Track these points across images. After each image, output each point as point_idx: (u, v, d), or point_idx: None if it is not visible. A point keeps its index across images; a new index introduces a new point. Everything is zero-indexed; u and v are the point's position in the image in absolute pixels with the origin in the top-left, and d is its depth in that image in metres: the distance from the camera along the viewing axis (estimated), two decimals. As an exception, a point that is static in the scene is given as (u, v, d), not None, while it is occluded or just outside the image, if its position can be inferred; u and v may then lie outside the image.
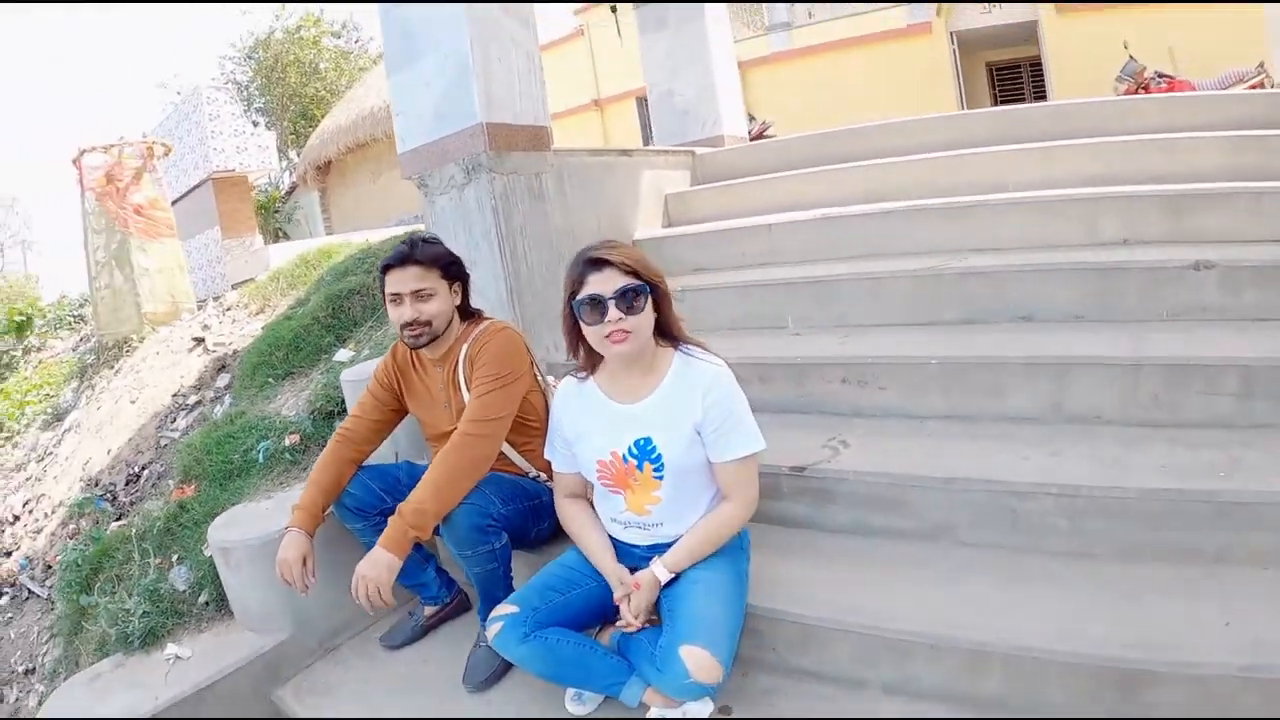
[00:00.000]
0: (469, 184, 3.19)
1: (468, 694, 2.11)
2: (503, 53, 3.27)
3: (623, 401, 1.92)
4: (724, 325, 3.38)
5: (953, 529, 2.11)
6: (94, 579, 3.12)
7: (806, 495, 2.30)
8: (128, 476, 4.59)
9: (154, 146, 8.78)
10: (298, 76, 23.90)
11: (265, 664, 2.43)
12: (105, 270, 8.35)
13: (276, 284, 7.02)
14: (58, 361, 10.24)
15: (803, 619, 1.91)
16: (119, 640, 2.61)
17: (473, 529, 2.06)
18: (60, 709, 2.39)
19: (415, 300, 2.22)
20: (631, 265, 1.80)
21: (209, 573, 2.71)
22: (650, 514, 1.89)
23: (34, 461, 6.83)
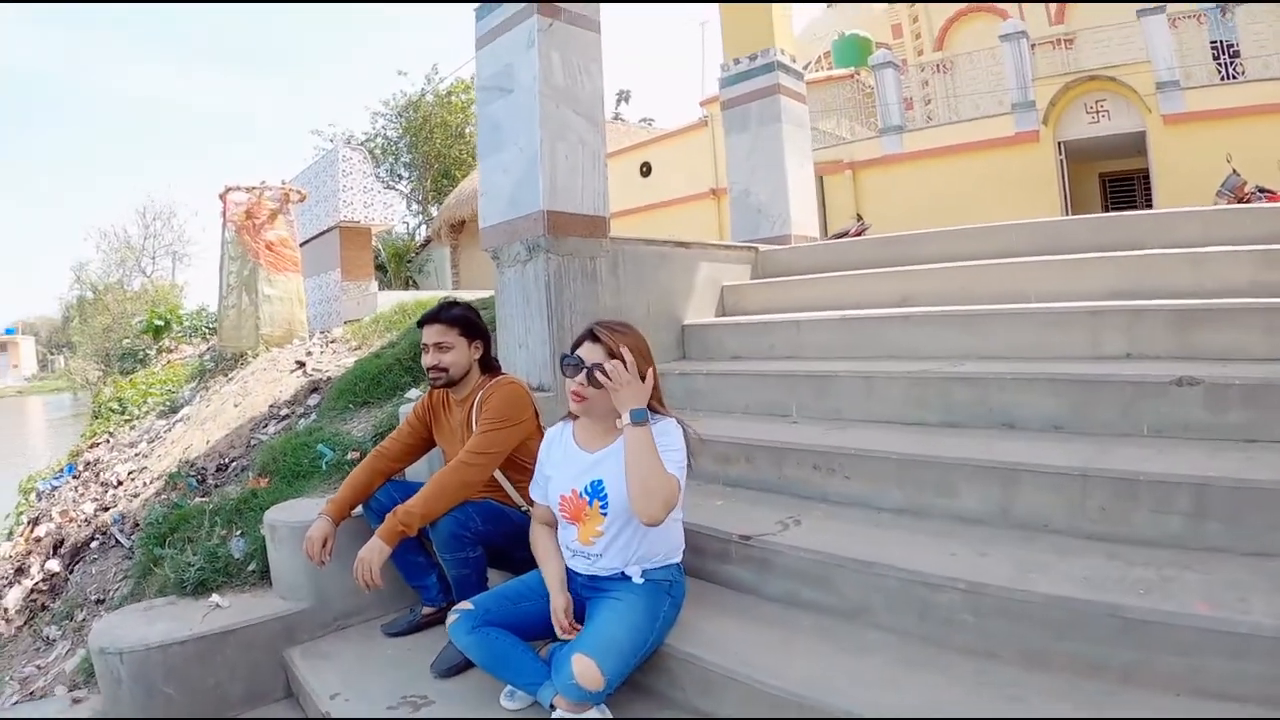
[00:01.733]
0: (530, 261, 3.83)
1: (432, 678, 2.60)
2: (569, 150, 3.90)
3: (587, 449, 2.41)
4: (738, 409, 3.77)
5: (870, 611, 2.27)
6: (169, 537, 3.81)
7: (750, 563, 2.57)
8: (218, 465, 5.37)
9: (290, 192, 10.15)
10: (443, 138, 25.90)
11: (284, 625, 3.05)
12: (234, 293, 9.60)
13: (376, 326, 7.86)
14: (184, 363, 11.56)
15: (706, 665, 2.19)
16: (176, 585, 3.32)
17: (452, 536, 2.66)
18: (109, 626, 3.08)
19: (437, 350, 2.91)
20: (613, 350, 2.28)
21: (260, 548, 3.38)
22: (594, 545, 2.34)
23: (145, 441, 7.96)
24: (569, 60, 3.95)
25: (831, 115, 15.88)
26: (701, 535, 2.69)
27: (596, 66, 4.12)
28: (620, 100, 48.33)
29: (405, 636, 3.00)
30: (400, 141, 27.89)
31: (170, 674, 2.84)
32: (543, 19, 3.84)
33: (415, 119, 27.01)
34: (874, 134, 14.77)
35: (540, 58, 3.81)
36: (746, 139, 6.22)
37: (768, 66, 6.08)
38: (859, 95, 16.03)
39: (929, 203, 12.91)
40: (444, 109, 26.61)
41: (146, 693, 2.82)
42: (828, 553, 2.38)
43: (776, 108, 6.04)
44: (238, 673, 2.95)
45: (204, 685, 2.89)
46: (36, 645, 4.56)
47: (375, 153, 26.69)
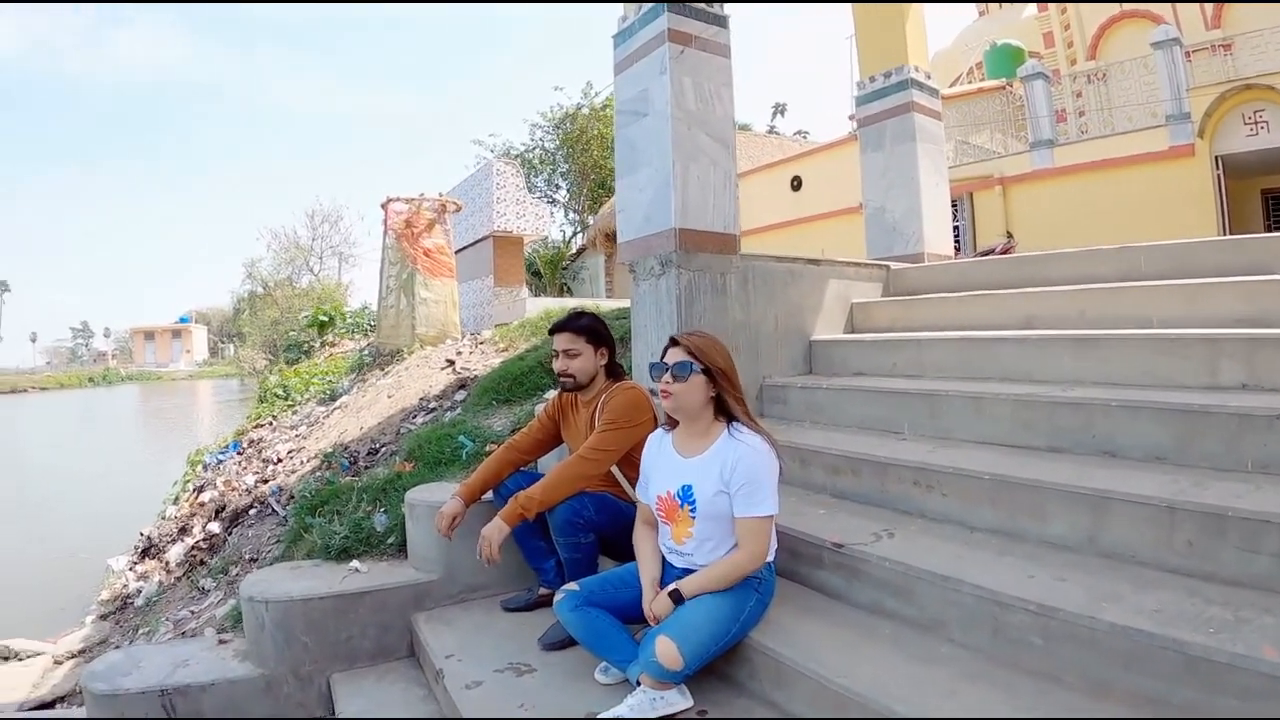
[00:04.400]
0: (663, 275, 4.14)
1: (538, 650, 2.96)
2: (701, 171, 4.21)
3: (682, 454, 2.71)
4: (854, 423, 3.93)
5: (945, 625, 2.37)
6: (320, 508, 4.37)
7: (841, 570, 2.73)
8: (369, 449, 5.98)
9: (447, 203, 11.11)
10: (599, 150, 26.97)
11: (414, 593, 3.52)
12: (393, 294, 10.58)
13: (523, 330, 8.45)
14: (344, 356, 12.64)
15: (783, 660, 2.37)
16: (322, 550, 3.86)
17: (566, 522, 3.04)
18: (259, 579, 3.65)
19: (566, 356, 3.31)
20: (691, 349, 2.62)
21: (400, 523, 3.87)
22: (685, 545, 2.64)
23: (305, 425, 8.84)
24: (700, 85, 4.24)
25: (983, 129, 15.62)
26: (800, 540, 2.91)
27: (727, 90, 4.38)
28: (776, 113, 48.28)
29: (521, 613, 3.38)
30: (557, 153, 29.37)
31: (309, 625, 3.34)
32: (674, 46, 4.14)
33: (571, 131, 28.40)
34: (1025, 148, 14.48)
35: (673, 83, 4.12)
36: (881, 157, 6.36)
37: (901, 84, 6.21)
38: (1010, 107, 15.65)
39: (1081, 220, 12.63)
40: (599, 121, 27.70)
41: (286, 639, 3.32)
42: (912, 565, 2.50)
43: (910, 125, 6.16)
44: (368, 630, 3.43)
45: (337, 638, 3.38)
46: (192, 594, 5.25)
47: (533, 163, 27.95)
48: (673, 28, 4.16)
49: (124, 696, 3.24)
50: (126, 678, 3.32)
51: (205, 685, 3.30)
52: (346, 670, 3.40)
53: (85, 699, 3.42)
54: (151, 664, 3.45)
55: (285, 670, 3.35)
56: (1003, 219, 14.06)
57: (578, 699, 2.60)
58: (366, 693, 3.22)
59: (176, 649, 3.72)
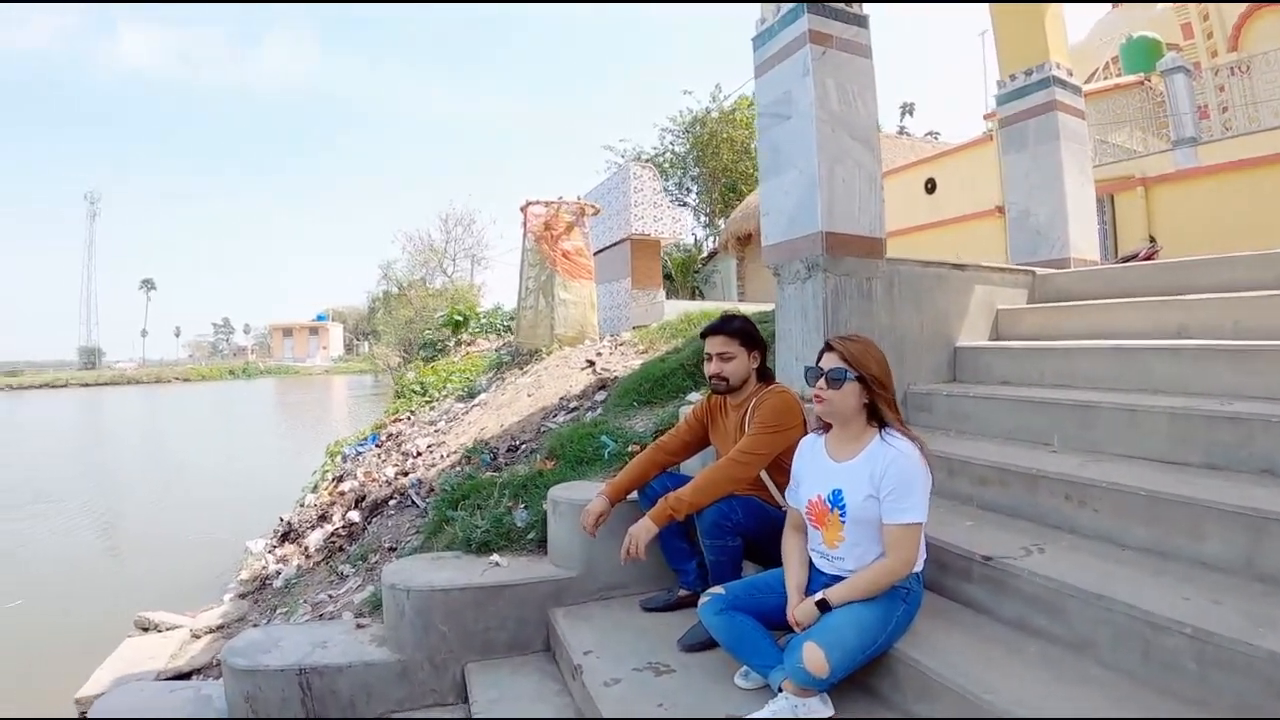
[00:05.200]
0: (809, 279, 4.16)
1: (677, 651, 3.02)
2: (847, 174, 4.23)
3: (834, 459, 2.74)
4: (1000, 433, 3.88)
5: (1094, 645, 2.34)
6: (460, 502, 4.58)
7: (988, 583, 2.72)
8: (509, 446, 6.17)
9: (585, 207, 11.45)
10: (730, 153, 27.27)
11: (553, 588, 3.62)
12: (532, 295, 10.93)
13: (662, 332, 8.63)
14: (480, 355, 13.09)
15: (928, 672, 2.38)
16: (462, 543, 4.03)
17: (714, 525, 3.09)
18: (400, 568, 3.84)
19: (719, 360, 3.37)
20: (847, 355, 2.65)
21: (541, 519, 4.00)
22: (836, 549, 2.66)
23: (444, 420, 9.19)
24: (843, 86, 4.25)
25: (1122, 126, 14.84)
26: (947, 552, 2.89)
27: (870, 91, 4.39)
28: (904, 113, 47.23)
29: (659, 613, 3.44)
30: (687, 156, 29.62)
31: (448, 614, 3.49)
32: (816, 48, 4.16)
33: (701, 134, 28.67)
34: (1167, 146, 13.68)
35: (815, 85, 4.15)
36: (1024, 158, 6.28)
37: (1043, 82, 6.12)
38: (1150, 103, 14.77)
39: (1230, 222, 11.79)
40: (729, 125, 27.99)
41: (424, 627, 3.47)
42: (1062, 581, 2.47)
43: (1054, 125, 6.06)
44: (506, 623, 3.56)
45: (475, 628, 3.52)
46: (330, 579, 5.53)
47: (664, 167, 28.23)
48: (813, 29, 4.19)
49: (262, 673, 3.43)
50: (266, 655, 3.53)
51: (342, 667, 3.46)
52: (481, 660, 3.52)
53: (224, 672, 3.64)
54: (290, 643, 3.65)
55: (421, 657, 3.50)
56: (1145, 222, 13.33)
57: (717, 702, 2.65)
58: (501, 684, 3.33)
59: (315, 630, 3.92)
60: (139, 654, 5.82)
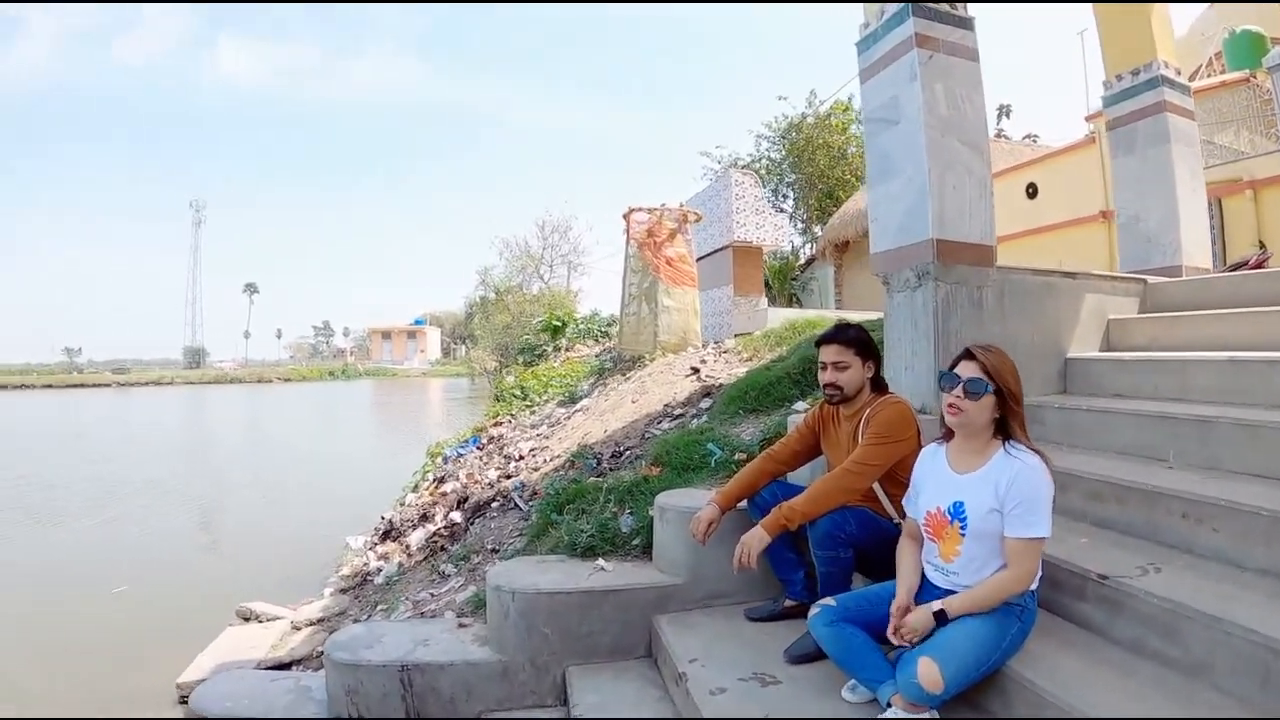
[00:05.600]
0: (919, 288, 4.12)
1: (782, 662, 3.03)
2: (957, 180, 4.18)
3: (955, 470, 2.72)
4: (1114, 448, 3.81)
5: (1211, 670, 2.29)
6: (565, 506, 4.66)
7: (1104, 603, 2.67)
8: (613, 452, 6.25)
9: (688, 214, 11.53)
10: (826, 159, 27.15)
11: (658, 595, 3.67)
12: (635, 302, 11.06)
13: (766, 340, 8.62)
14: (581, 361, 13.28)
15: (1041, 693, 2.34)
16: (567, 547, 4.10)
17: (827, 535, 3.09)
18: (505, 570, 3.93)
19: (834, 369, 3.36)
20: (987, 366, 2.61)
21: (647, 525, 4.06)
22: (952, 562, 2.65)
23: (545, 425, 9.37)
24: (951, 90, 4.22)
25: (1228, 126, 14.12)
26: (1061, 569, 2.84)
27: (979, 95, 4.34)
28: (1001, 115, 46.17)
29: (764, 623, 3.47)
30: (783, 163, 29.52)
31: (552, 617, 3.56)
32: (923, 51, 4.14)
33: (797, 141, 28.54)
34: (1276, 147, 13.11)
35: (924, 89, 4.12)
36: (1133, 162, 6.16)
37: (1151, 82, 6.00)
38: (1257, 101, 14.02)
39: None
40: (825, 131, 27.83)
41: (528, 628, 3.55)
42: (1180, 603, 2.43)
43: (1163, 127, 5.94)
44: (610, 627, 3.61)
45: (578, 632, 3.58)
46: (432, 577, 5.66)
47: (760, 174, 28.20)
48: (919, 32, 4.16)
49: (364, 667, 3.56)
50: (368, 650, 3.65)
51: (444, 665, 3.57)
52: (583, 664, 3.58)
53: (326, 665, 3.77)
54: (392, 640, 3.77)
55: (523, 658, 3.58)
56: (1254, 227, 12.70)
57: (824, 714, 2.67)
58: (602, 688, 3.38)
59: (416, 628, 4.03)
60: (240, 643, 6.04)
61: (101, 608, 7.79)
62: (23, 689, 5.81)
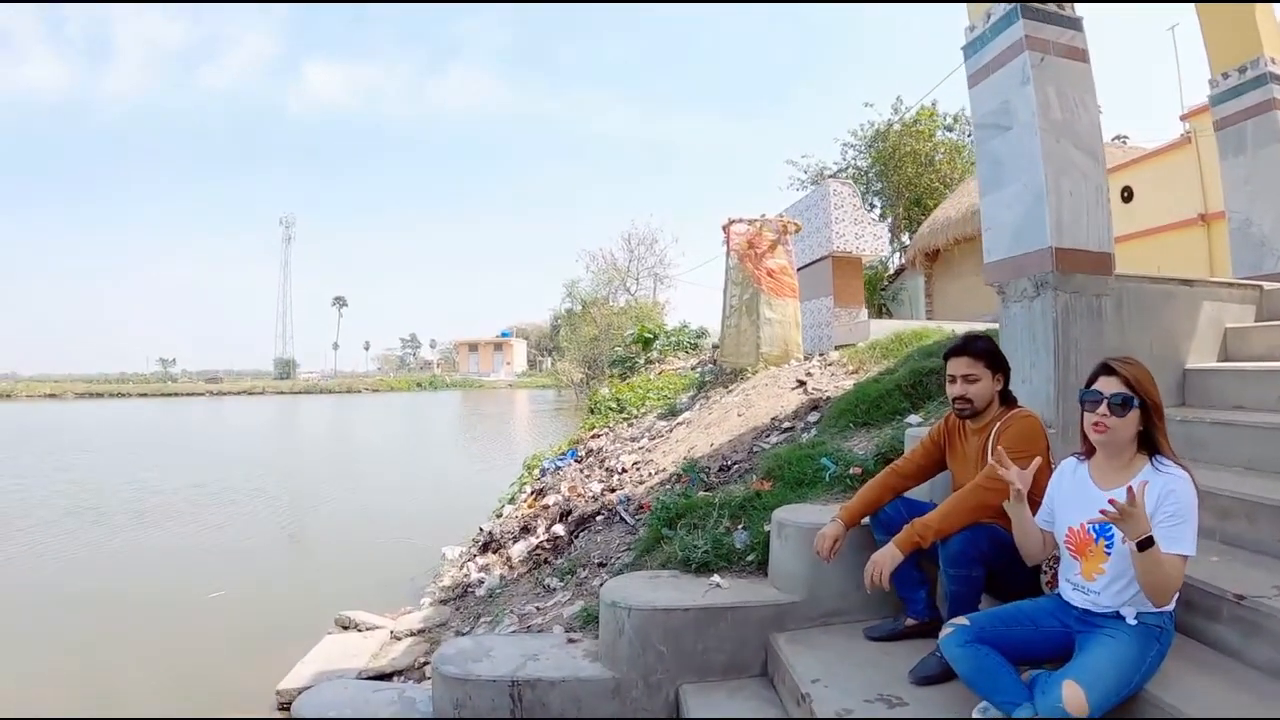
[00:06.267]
0: (1037, 298, 4.07)
1: (907, 683, 3.00)
2: (1073, 186, 4.12)
3: (1100, 485, 2.68)
4: (1239, 462, 3.74)
5: None
6: (675, 521, 4.69)
7: (1239, 624, 2.62)
8: (720, 465, 6.29)
9: (788, 224, 11.59)
10: (913, 167, 27.17)
11: (775, 613, 3.68)
12: (736, 314, 11.08)
13: (872, 351, 8.61)
14: (676, 374, 13.36)
15: (1178, 717, 2.32)
16: (680, 562, 4.14)
17: (960, 553, 3.06)
18: (619, 585, 3.97)
19: (964, 382, 3.34)
20: (1130, 380, 2.59)
21: (762, 541, 4.08)
22: (1094, 580, 2.61)
23: (647, 438, 9.44)
24: (1064, 94, 4.16)
25: None
26: (1194, 589, 2.78)
27: (1091, 98, 4.27)
28: None
29: (885, 642, 3.45)
30: (870, 171, 29.48)
31: (667, 634, 3.59)
32: (1034, 54, 4.09)
33: (884, 149, 28.47)
34: None
35: (1036, 93, 4.08)
36: (1243, 163, 6.03)
37: (1259, 79, 5.86)
38: None
39: None
40: (911, 138, 27.69)
41: (642, 645, 3.59)
42: None
43: (1273, 126, 5.79)
44: (725, 645, 3.63)
45: (693, 649, 3.61)
46: (536, 590, 5.75)
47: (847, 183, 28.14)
48: (1029, 34, 4.12)
49: (474, 681, 3.63)
50: (477, 664, 3.73)
51: (554, 681, 3.62)
52: (697, 683, 3.61)
53: (433, 678, 3.85)
54: (501, 654, 3.84)
55: (636, 675, 3.61)
56: None
57: (957, 737, 2.63)
58: (717, 707, 3.41)
59: (525, 642, 4.10)
60: (340, 651, 6.16)
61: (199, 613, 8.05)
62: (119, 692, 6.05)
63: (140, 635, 7.37)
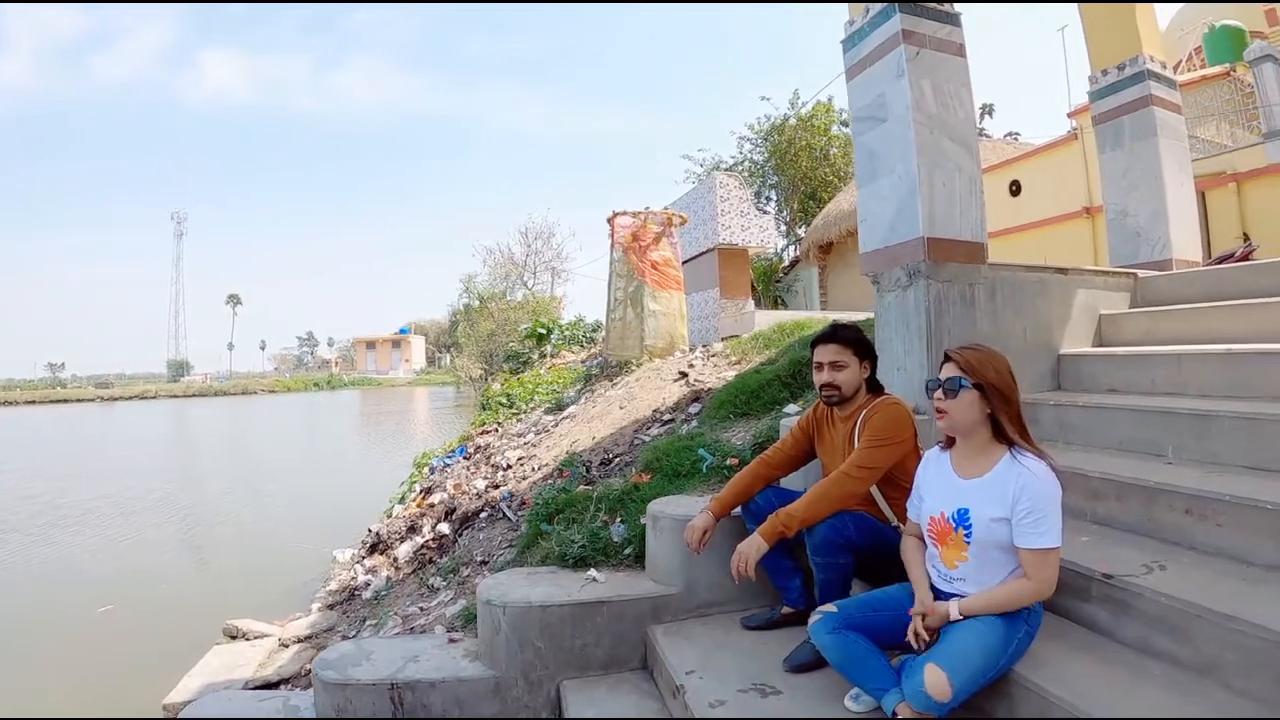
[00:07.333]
0: (910, 287, 4.10)
1: (782, 671, 2.95)
2: (947, 177, 4.14)
3: (960, 475, 2.65)
4: (1111, 444, 3.75)
5: (1222, 669, 2.24)
6: (554, 516, 4.59)
7: (1109, 603, 2.61)
8: (602, 459, 6.18)
9: (673, 217, 11.52)
10: (808, 161, 27.37)
11: (652, 605, 3.59)
12: (621, 306, 11.00)
13: (755, 343, 8.59)
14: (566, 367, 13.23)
15: (1048, 697, 2.28)
16: (558, 557, 4.03)
17: (826, 541, 3.00)
18: (495, 583, 3.82)
19: (831, 369, 3.29)
20: (963, 364, 2.57)
21: (639, 534, 3.98)
22: (956, 569, 2.58)
23: (533, 433, 9.30)
24: (940, 87, 4.19)
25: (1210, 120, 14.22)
26: (1064, 570, 2.72)
27: (966, 91, 4.31)
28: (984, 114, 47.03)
29: (761, 631, 3.38)
30: (766, 164, 29.63)
31: (544, 630, 3.48)
32: (910, 48, 4.11)
33: (780, 142, 28.61)
34: (1258, 139, 13.12)
35: (911, 86, 4.09)
36: (1120, 156, 6.13)
37: (1137, 76, 5.98)
38: (1238, 95, 14.08)
39: None
40: (808, 132, 27.92)
41: (520, 643, 3.47)
42: (1189, 601, 2.38)
43: (1150, 121, 5.91)
44: (603, 639, 3.54)
45: (571, 645, 3.50)
46: (421, 591, 5.60)
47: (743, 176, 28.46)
48: (906, 29, 4.13)
49: (353, 686, 3.47)
50: (357, 668, 3.57)
51: (434, 682, 3.49)
52: (577, 678, 3.51)
53: (315, 685, 3.68)
54: (382, 657, 3.70)
55: (516, 673, 3.50)
56: (1238, 220, 12.83)
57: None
58: (597, 702, 3.31)
59: (406, 644, 3.96)
60: (227, 662, 5.98)
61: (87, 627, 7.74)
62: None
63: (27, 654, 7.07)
